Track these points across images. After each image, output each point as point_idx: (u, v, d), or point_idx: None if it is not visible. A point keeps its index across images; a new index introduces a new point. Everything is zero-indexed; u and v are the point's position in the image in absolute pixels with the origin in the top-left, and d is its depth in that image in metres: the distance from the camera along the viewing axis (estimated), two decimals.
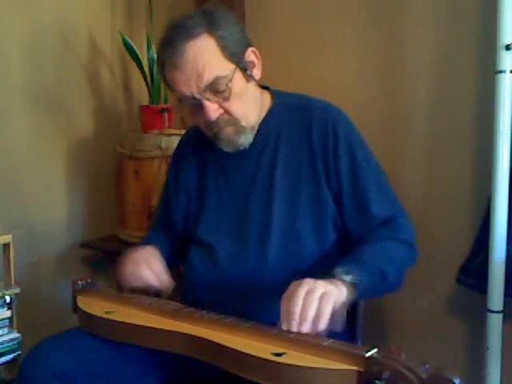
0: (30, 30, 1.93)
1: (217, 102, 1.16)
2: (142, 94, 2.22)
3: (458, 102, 1.55)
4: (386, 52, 1.68)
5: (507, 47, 1.35)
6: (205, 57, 1.13)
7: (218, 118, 1.17)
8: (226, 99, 1.16)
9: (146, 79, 2.05)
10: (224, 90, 1.15)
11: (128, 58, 2.09)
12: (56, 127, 2.04)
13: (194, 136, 1.36)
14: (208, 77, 1.13)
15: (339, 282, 1.01)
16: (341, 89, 1.73)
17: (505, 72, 1.36)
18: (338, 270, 1.04)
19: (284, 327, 0.95)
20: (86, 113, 2.13)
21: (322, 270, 1.06)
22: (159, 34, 1.21)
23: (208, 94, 1.15)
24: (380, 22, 1.68)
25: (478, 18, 1.50)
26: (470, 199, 1.55)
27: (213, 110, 1.15)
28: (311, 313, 0.94)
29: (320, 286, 0.97)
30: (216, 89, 1.14)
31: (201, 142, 1.31)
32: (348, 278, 1.02)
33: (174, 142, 1.44)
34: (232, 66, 1.16)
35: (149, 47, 2.03)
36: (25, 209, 1.96)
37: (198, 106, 1.17)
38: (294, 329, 0.94)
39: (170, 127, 2.02)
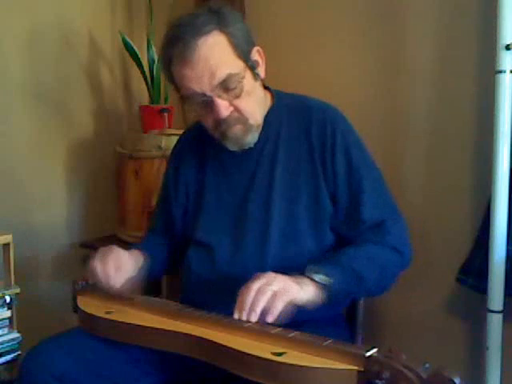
0: (30, 30, 1.93)
1: (227, 100, 1.15)
2: (141, 94, 2.22)
3: (458, 101, 1.55)
4: (386, 53, 1.68)
5: (507, 47, 1.35)
6: (217, 53, 1.12)
7: (227, 116, 1.16)
8: (237, 97, 1.15)
9: (146, 79, 2.05)
10: (235, 88, 1.14)
11: (128, 57, 2.09)
12: (56, 127, 2.03)
13: (193, 134, 1.36)
14: (220, 74, 1.12)
15: (307, 280, 1.03)
16: (341, 88, 1.73)
17: (505, 72, 1.36)
18: (309, 269, 1.05)
19: (235, 316, 0.98)
20: (86, 113, 2.13)
21: None
22: (159, 34, 1.20)
23: (219, 92, 1.14)
24: (380, 22, 1.68)
25: (478, 18, 1.50)
26: (469, 199, 1.55)
27: (224, 107, 1.15)
28: (261, 305, 0.96)
29: (278, 282, 0.99)
30: (227, 86, 1.13)
31: (200, 141, 1.31)
32: (317, 277, 1.04)
33: (174, 141, 1.44)
34: (242, 64, 1.16)
35: (149, 47, 2.03)
36: (25, 209, 1.96)
37: (207, 104, 1.16)
38: (244, 318, 0.97)
39: (170, 127, 2.02)
